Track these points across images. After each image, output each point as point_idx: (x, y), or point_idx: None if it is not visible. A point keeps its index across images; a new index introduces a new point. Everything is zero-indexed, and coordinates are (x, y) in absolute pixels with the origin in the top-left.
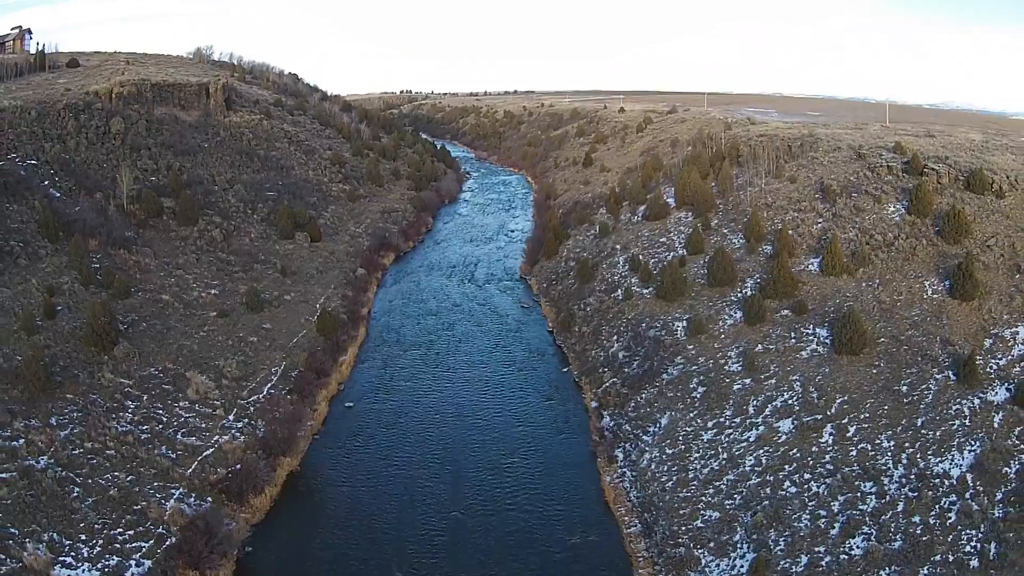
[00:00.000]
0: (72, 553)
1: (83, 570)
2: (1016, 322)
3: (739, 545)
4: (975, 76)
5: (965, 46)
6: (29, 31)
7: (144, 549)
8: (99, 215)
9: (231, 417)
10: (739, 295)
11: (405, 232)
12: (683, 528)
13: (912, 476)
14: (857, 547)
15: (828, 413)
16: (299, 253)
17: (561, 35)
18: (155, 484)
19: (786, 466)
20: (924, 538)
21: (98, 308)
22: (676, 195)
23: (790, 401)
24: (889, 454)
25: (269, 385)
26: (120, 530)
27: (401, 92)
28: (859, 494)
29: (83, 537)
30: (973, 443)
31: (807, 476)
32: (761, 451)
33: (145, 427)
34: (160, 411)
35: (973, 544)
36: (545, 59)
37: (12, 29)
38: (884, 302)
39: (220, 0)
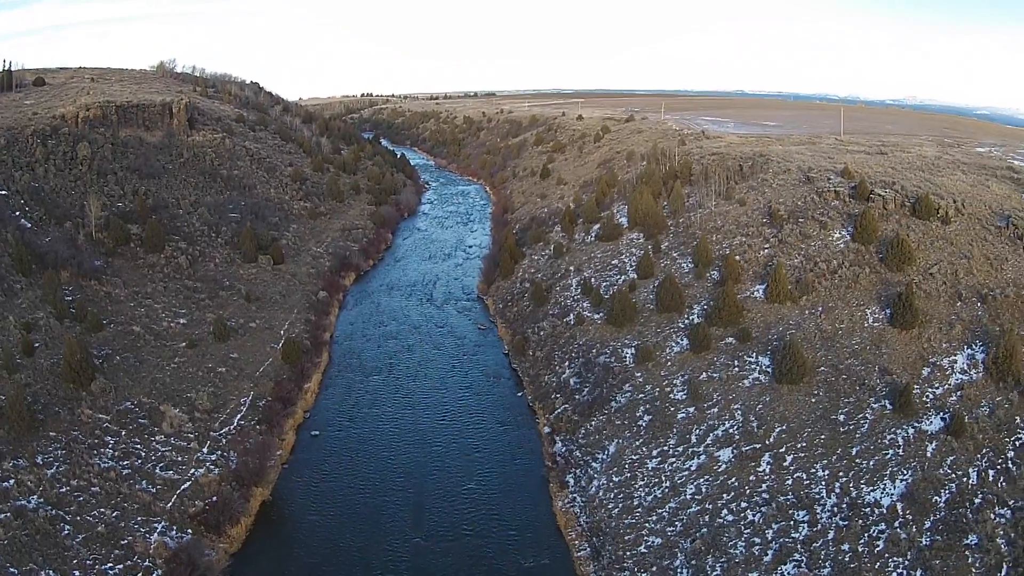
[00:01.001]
0: None
1: None
2: (955, 351)
3: (679, 570)
4: (940, 73)
5: (930, 45)
6: None
7: None
8: (69, 245)
9: (205, 450)
10: (686, 321)
11: (365, 250)
12: (628, 553)
13: (844, 505)
14: (788, 573)
15: (767, 442)
16: (262, 277)
17: (536, 38)
18: (139, 519)
19: (724, 495)
20: (852, 565)
21: (74, 345)
22: (629, 215)
23: (731, 430)
24: (823, 483)
25: (239, 416)
26: (110, 565)
27: (362, 95)
28: (792, 522)
29: (76, 574)
30: (905, 472)
31: (744, 504)
32: (702, 480)
33: (125, 462)
34: (138, 446)
35: (899, 571)
36: (510, 59)
37: None
38: (826, 330)
39: (216, 1)
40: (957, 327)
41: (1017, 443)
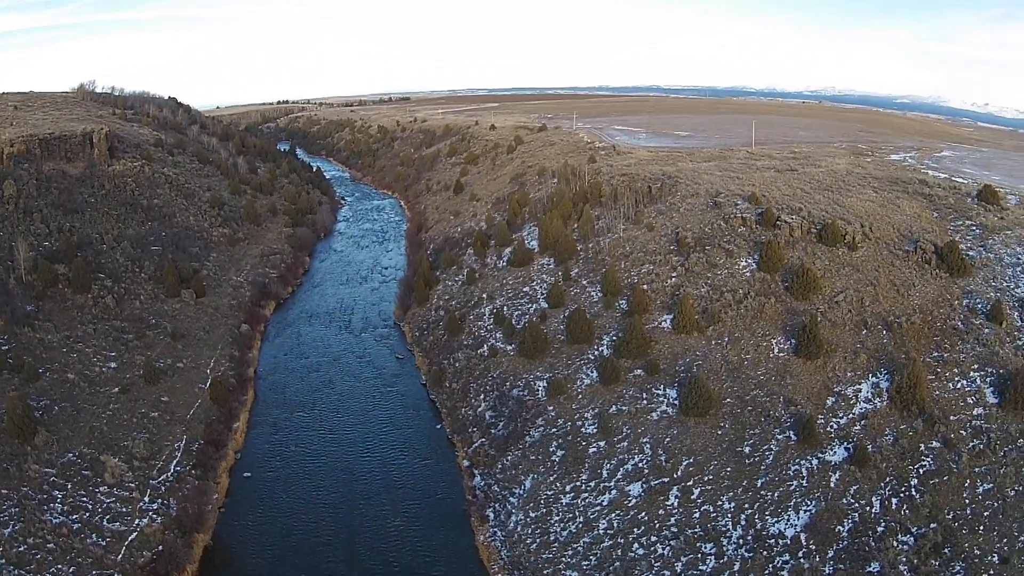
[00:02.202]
0: None
1: None
2: (859, 379)
3: None
4: (859, 62)
5: (847, 34)
6: None
7: None
8: (1, 291)
9: (146, 499)
10: (596, 353)
11: (284, 277)
12: None
13: (749, 537)
14: None
15: (675, 476)
16: (186, 312)
17: (452, 37)
18: (94, 572)
19: (635, 529)
20: None
21: (16, 401)
22: (540, 239)
23: (640, 464)
24: (729, 516)
25: (175, 462)
26: None
27: (278, 103)
28: (700, 555)
29: None
30: (809, 503)
31: (654, 538)
32: (613, 515)
33: (75, 516)
34: (84, 499)
35: None
36: (427, 59)
37: None
38: (732, 361)
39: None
40: (862, 356)
41: (921, 471)
